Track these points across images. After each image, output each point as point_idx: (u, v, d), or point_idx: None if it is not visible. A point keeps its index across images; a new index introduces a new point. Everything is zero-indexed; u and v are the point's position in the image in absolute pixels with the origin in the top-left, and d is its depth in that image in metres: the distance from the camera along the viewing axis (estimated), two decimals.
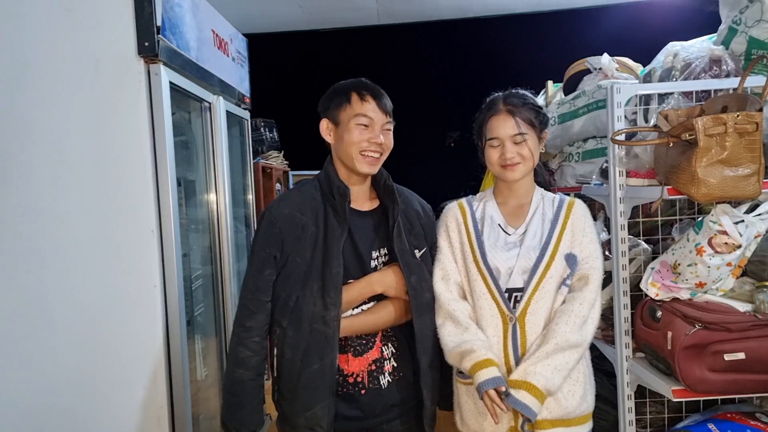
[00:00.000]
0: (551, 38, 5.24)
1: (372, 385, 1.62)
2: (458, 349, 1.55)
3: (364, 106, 1.58)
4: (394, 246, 1.60)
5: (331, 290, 1.54)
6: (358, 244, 1.62)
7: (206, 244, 2.65)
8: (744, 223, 1.65)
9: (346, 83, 1.64)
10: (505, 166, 1.60)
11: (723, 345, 1.62)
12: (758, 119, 1.55)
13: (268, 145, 4.35)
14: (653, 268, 1.85)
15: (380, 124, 1.60)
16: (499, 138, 1.60)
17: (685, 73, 1.91)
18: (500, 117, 1.60)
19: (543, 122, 1.65)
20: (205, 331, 2.68)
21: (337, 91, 1.63)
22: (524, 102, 1.62)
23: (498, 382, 1.48)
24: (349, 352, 1.62)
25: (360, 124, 1.58)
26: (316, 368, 1.54)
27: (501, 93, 1.67)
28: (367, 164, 1.60)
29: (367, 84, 1.63)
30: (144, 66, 1.95)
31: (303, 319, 1.55)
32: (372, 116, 1.59)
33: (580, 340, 1.53)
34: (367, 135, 1.58)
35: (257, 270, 1.59)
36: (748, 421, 1.79)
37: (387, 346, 1.66)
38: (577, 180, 2.56)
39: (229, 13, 2.87)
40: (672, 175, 1.68)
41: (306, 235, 1.57)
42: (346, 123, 1.59)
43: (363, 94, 1.59)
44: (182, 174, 2.48)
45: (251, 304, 1.59)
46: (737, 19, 1.93)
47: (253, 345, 1.58)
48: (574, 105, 2.51)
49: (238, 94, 2.96)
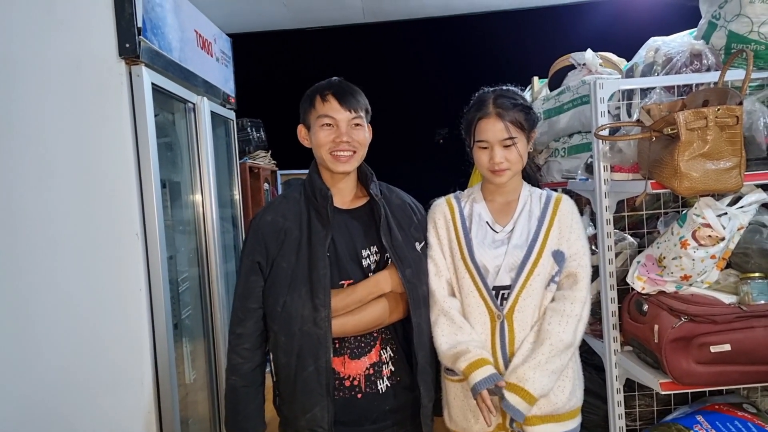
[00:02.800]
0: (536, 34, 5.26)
1: (369, 389, 1.61)
2: (453, 350, 1.55)
3: (326, 107, 1.59)
4: (384, 241, 1.60)
5: (319, 291, 1.53)
6: (348, 242, 1.62)
7: (193, 245, 2.63)
8: (727, 216, 1.66)
9: (314, 86, 1.65)
10: (493, 171, 1.60)
11: (709, 337, 1.63)
12: (738, 113, 1.56)
13: (255, 145, 4.33)
14: (639, 261, 1.86)
15: (345, 121, 1.59)
16: (488, 141, 1.59)
17: (666, 68, 1.92)
18: (490, 120, 1.58)
19: (532, 123, 1.63)
20: (194, 333, 2.66)
21: (306, 95, 1.65)
22: (514, 104, 1.60)
23: (494, 379, 1.49)
24: (346, 354, 1.60)
25: (324, 124, 1.59)
26: (311, 370, 1.54)
27: (491, 91, 1.65)
28: (341, 163, 1.59)
29: (332, 84, 1.63)
30: (125, 68, 1.93)
31: (292, 322, 1.55)
32: (334, 116, 1.58)
33: (573, 341, 1.54)
34: (332, 135, 1.58)
35: (244, 277, 1.61)
36: (735, 412, 1.81)
37: (386, 350, 1.64)
38: (563, 175, 2.56)
39: (213, 13, 2.85)
40: (655, 169, 1.69)
41: (289, 240, 1.58)
42: (313, 126, 1.61)
43: (324, 95, 1.60)
44: (167, 176, 2.46)
45: (240, 312, 1.60)
46: (716, 14, 1.95)
47: (244, 352, 1.59)
48: (559, 101, 2.52)
49: (222, 94, 2.94)
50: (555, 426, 1.57)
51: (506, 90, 1.64)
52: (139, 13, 1.93)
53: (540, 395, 1.50)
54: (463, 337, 1.56)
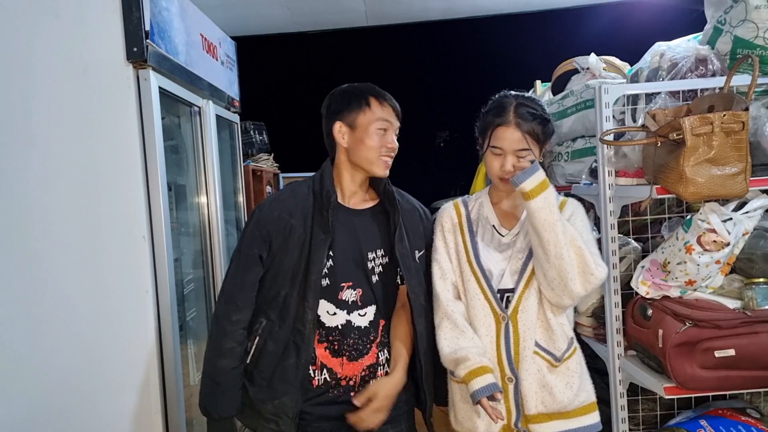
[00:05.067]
0: (539, 38, 5.27)
1: (363, 388, 1.63)
2: (453, 355, 1.56)
3: (386, 112, 1.63)
4: (396, 250, 1.63)
5: (309, 295, 1.57)
6: (354, 244, 1.64)
7: (197, 247, 2.64)
8: (732, 221, 1.67)
9: (358, 87, 1.66)
10: (502, 178, 1.60)
11: (713, 342, 1.64)
12: (744, 118, 1.57)
13: (258, 148, 4.34)
14: (643, 266, 1.86)
15: (395, 128, 1.65)
16: (502, 149, 1.59)
17: (671, 73, 1.93)
18: (509, 129, 1.57)
19: (548, 135, 1.63)
20: (198, 335, 2.67)
21: (351, 94, 1.64)
22: (534, 115, 1.58)
23: (492, 389, 1.50)
24: (344, 356, 1.62)
25: (380, 128, 1.62)
26: (292, 362, 1.59)
27: (512, 96, 1.63)
28: (384, 167, 1.64)
29: (379, 89, 1.67)
30: (133, 71, 1.94)
31: (289, 315, 1.59)
32: (392, 121, 1.64)
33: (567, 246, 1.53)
34: (385, 139, 1.63)
35: (244, 267, 1.63)
36: (739, 417, 1.82)
37: (383, 352, 1.67)
38: (566, 179, 2.57)
39: (217, 17, 2.86)
40: (660, 175, 1.69)
41: (294, 237, 1.59)
42: (365, 127, 1.61)
43: (382, 100, 1.63)
44: (172, 178, 2.47)
45: (239, 300, 1.62)
46: (722, 19, 1.96)
47: (239, 337, 1.62)
48: (563, 105, 2.53)
49: (227, 97, 2.95)
50: (561, 423, 1.58)
51: (528, 98, 1.62)
52: (146, 17, 1.94)
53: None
54: (464, 343, 1.57)
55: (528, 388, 1.56)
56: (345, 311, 1.62)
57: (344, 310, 1.62)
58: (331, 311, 1.61)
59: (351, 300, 1.63)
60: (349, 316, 1.62)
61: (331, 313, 1.61)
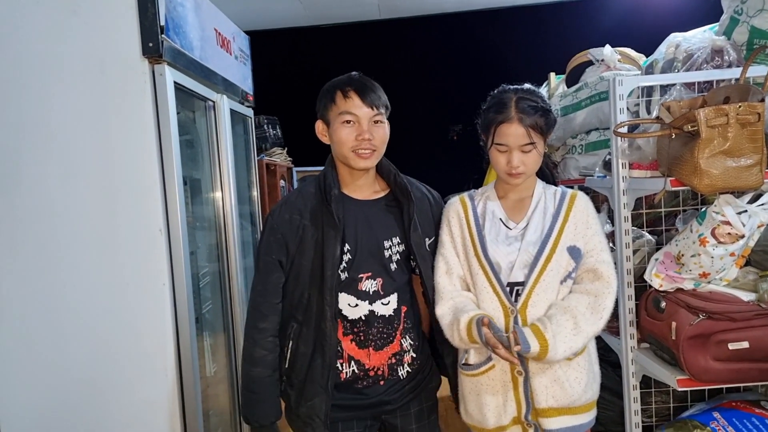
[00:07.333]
0: (554, 29, 5.22)
1: (391, 376, 1.67)
2: (451, 317, 1.59)
3: (347, 103, 1.58)
4: (411, 240, 1.64)
5: (326, 292, 1.58)
6: (370, 235, 1.65)
7: (213, 241, 2.67)
8: (747, 214, 1.66)
9: (334, 81, 1.64)
10: (510, 174, 1.61)
11: (727, 334, 1.63)
12: (760, 110, 1.55)
13: (272, 142, 4.36)
14: (657, 259, 1.86)
15: (367, 118, 1.58)
16: (507, 145, 1.59)
17: (687, 64, 1.91)
18: (512, 125, 1.57)
19: (551, 125, 1.63)
20: (214, 327, 2.71)
21: (325, 90, 1.64)
22: (535, 108, 1.58)
23: (496, 325, 1.51)
24: (370, 346, 1.65)
25: (345, 121, 1.58)
26: (318, 363, 1.61)
27: (511, 90, 1.63)
28: (363, 160, 1.60)
29: (353, 79, 1.62)
30: (149, 66, 1.96)
31: (313, 315, 1.60)
32: (356, 113, 1.58)
33: (595, 330, 1.55)
34: (354, 132, 1.58)
35: (264, 274, 1.64)
36: (753, 409, 1.81)
37: (405, 339, 1.69)
38: (580, 172, 2.56)
39: (230, 11, 2.87)
40: (675, 167, 1.68)
41: (308, 236, 1.61)
42: (334, 122, 1.60)
43: (346, 91, 1.58)
44: (188, 173, 2.50)
45: (263, 308, 1.64)
46: (739, 9, 1.93)
47: (268, 344, 1.64)
48: (577, 97, 2.52)
49: (241, 92, 2.97)
50: (571, 418, 1.58)
51: (527, 91, 1.62)
52: (161, 13, 1.96)
53: (552, 353, 1.47)
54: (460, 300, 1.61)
55: (539, 383, 1.57)
56: (367, 302, 1.63)
57: (365, 300, 1.63)
58: (353, 303, 1.63)
59: (372, 290, 1.63)
60: (372, 306, 1.63)
61: (353, 305, 1.63)
